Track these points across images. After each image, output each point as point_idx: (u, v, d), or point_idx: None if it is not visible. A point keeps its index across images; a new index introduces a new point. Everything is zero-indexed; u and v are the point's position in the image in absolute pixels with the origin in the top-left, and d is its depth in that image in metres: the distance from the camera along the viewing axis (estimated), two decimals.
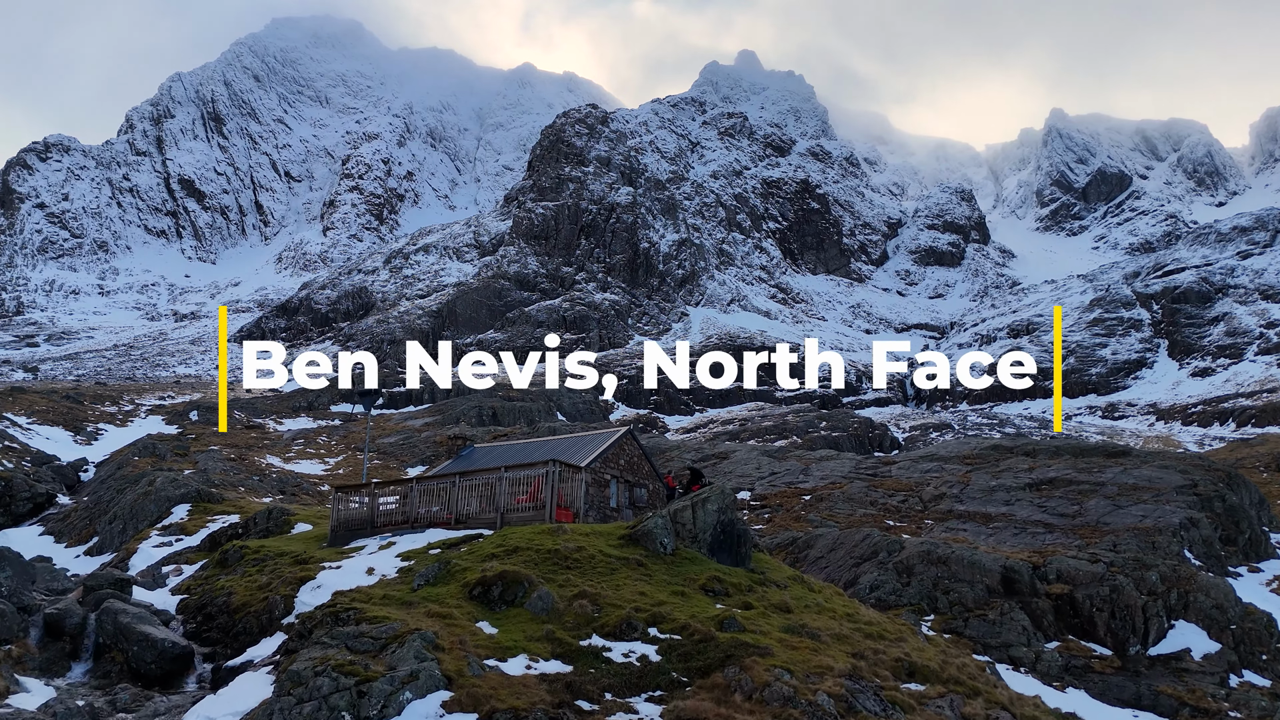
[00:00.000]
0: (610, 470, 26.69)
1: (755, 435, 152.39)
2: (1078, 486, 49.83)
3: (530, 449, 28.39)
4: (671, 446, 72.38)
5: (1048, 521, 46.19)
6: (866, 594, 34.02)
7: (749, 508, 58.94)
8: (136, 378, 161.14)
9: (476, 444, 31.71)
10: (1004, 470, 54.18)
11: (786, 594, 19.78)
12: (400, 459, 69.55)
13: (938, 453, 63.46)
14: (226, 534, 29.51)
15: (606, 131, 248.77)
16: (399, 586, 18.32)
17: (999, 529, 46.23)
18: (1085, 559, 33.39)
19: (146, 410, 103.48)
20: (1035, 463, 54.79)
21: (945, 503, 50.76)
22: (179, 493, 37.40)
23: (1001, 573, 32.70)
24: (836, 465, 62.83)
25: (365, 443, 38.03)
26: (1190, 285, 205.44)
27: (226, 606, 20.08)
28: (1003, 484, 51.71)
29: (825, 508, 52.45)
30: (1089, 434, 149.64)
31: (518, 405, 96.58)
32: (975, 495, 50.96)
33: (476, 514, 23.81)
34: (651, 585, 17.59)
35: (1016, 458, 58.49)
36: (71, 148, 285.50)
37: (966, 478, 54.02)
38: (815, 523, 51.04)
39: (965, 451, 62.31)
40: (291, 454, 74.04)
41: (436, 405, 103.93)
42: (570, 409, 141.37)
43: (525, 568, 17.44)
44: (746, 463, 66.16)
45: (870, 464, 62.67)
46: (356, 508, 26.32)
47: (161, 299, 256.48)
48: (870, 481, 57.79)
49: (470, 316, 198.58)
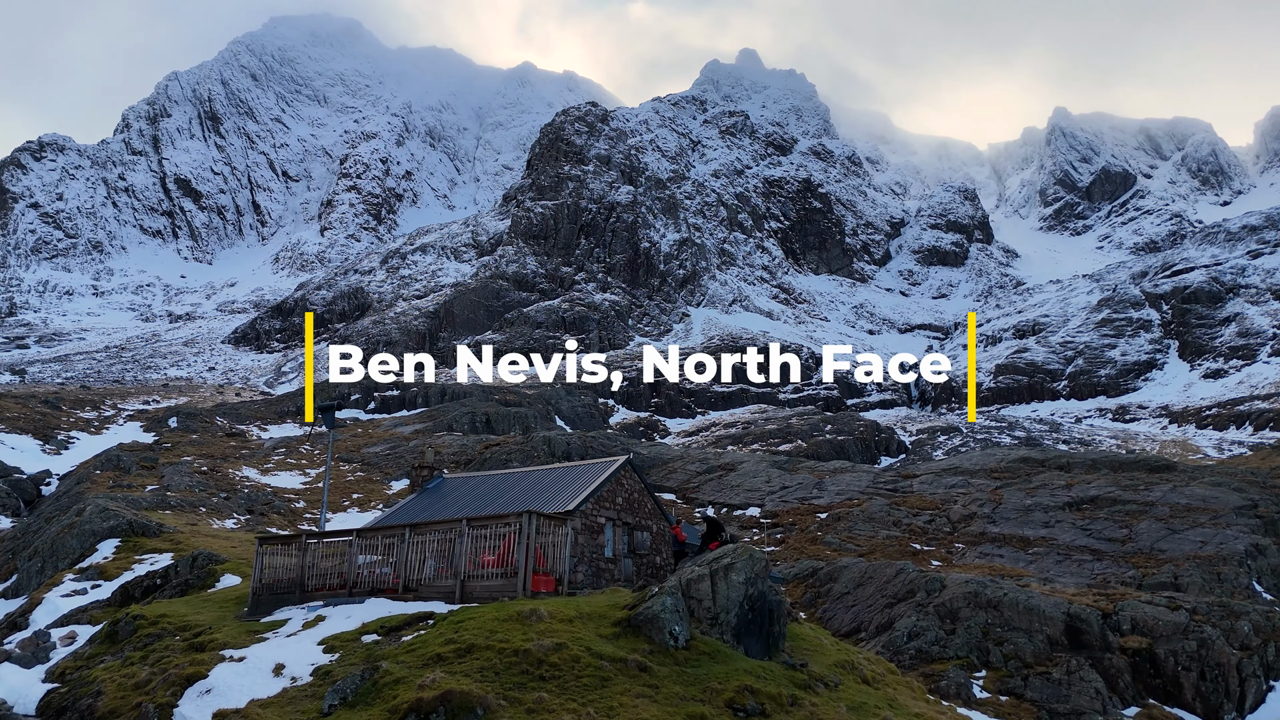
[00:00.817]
0: (605, 512, 21.72)
1: (759, 439, 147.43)
2: (1124, 506, 44.88)
3: (510, 484, 23.35)
4: (673, 456, 67.40)
5: (1095, 547, 41.27)
6: (904, 642, 29.11)
7: (759, 525, 54.00)
8: (125, 380, 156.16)
9: (448, 474, 26.54)
10: (1039, 487, 49.17)
11: (841, 701, 14.70)
12: (385, 471, 64.56)
13: (961, 465, 58.43)
14: (142, 585, 24.62)
15: (607, 130, 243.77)
16: (306, 706, 13.33)
17: (1040, 555, 41.32)
18: (1163, 605, 28.39)
19: (126, 416, 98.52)
20: (1073, 478, 49.75)
21: (977, 524, 45.80)
22: (108, 525, 32.45)
23: (1065, 621, 27.75)
24: (852, 479, 57.83)
25: (326, 474, 33.02)
26: (1200, 285, 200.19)
27: (90, 713, 14.97)
28: (1039, 502, 46.74)
29: (844, 528, 47.50)
30: (1101, 438, 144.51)
31: (513, 411, 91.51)
32: (1009, 515, 46.01)
33: (430, 580, 18.61)
34: (657, 705, 12.50)
35: (1050, 472, 53.47)
36: (66, 147, 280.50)
37: (998, 495, 49.01)
38: (834, 545, 46.14)
39: (991, 464, 57.29)
40: (270, 465, 69.09)
41: (430, 410, 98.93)
42: (569, 412, 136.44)
43: (480, 683, 12.40)
44: (755, 475, 61.18)
45: (888, 478, 57.67)
46: (284, 565, 21.28)
47: (156, 300, 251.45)
48: (891, 498, 52.81)
49: (468, 318, 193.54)
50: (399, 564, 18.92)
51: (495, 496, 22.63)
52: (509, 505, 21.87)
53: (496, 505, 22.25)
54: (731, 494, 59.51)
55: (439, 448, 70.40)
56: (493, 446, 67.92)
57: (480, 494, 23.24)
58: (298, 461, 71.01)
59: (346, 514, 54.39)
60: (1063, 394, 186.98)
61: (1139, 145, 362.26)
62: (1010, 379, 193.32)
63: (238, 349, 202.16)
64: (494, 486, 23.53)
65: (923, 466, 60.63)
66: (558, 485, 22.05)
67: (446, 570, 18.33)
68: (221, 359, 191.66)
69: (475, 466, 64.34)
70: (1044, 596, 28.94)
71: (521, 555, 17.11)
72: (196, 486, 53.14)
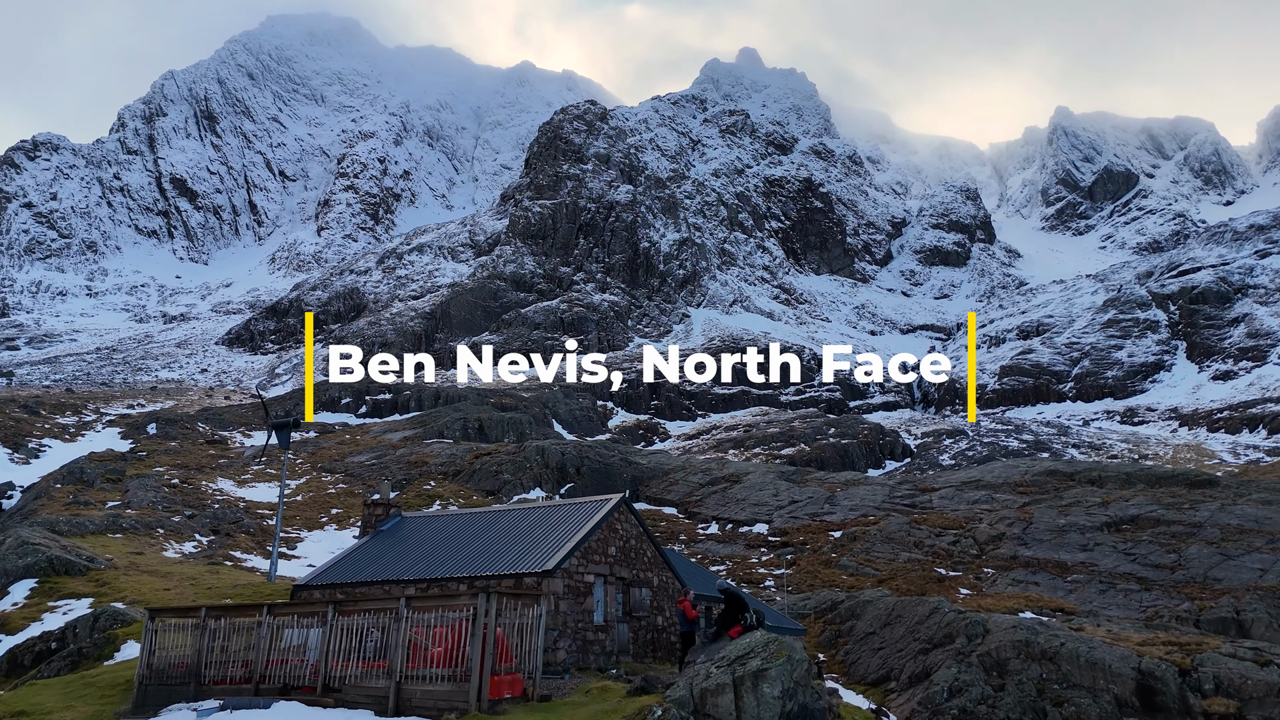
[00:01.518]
0: (594, 567, 17.49)
1: (761, 443, 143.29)
2: (1169, 527, 40.77)
3: (480, 528, 18.98)
4: (674, 467, 63.19)
5: (1141, 575, 37.18)
6: (944, 699, 24.95)
7: (767, 544, 49.83)
8: (113, 383, 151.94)
9: (407, 514, 22.07)
10: (1071, 504, 45.05)
11: None
12: (368, 483, 60.36)
13: (983, 478, 54.25)
14: (34, 650, 20.51)
15: (606, 128, 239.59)
16: None
17: (1080, 583, 37.21)
18: (1249, 658, 24.23)
19: (106, 422, 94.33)
20: (1108, 494, 45.61)
21: (1006, 545, 41.67)
22: (25, 563, 28.26)
23: (1136, 679, 23.61)
24: (867, 493, 53.67)
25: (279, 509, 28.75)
26: (1208, 285, 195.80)
27: None
28: (1074, 522, 42.63)
29: (861, 550, 43.40)
30: (1111, 442, 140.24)
31: (507, 417, 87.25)
32: (1042, 537, 41.90)
33: (358, 679, 14.13)
34: None
35: (1081, 487, 49.32)
36: (61, 146, 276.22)
37: (1027, 513, 44.87)
38: (850, 569, 42.01)
39: (1016, 477, 53.12)
40: (248, 476, 64.90)
41: (422, 415, 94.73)
42: (567, 416, 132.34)
43: None
44: (762, 488, 57.01)
45: (905, 492, 53.51)
46: (181, 645, 16.70)
47: (151, 300, 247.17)
48: (910, 516, 48.68)
49: (464, 318, 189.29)
50: (321, 652, 14.60)
51: (461, 545, 18.42)
52: (476, 559, 17.63)
53: (461, 558, 18.02)
54: (737, 508, 55.34)
55: (428, 457, 66.24)
56: (483, 456, 63.77)
57: (443, 540, 19.03)
58: (278, 472, 66.80)
59: (323, 532, 50.20)
60: (1069, 396, 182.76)
61: (1141, 145, 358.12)
62: (1015, 380, 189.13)
63: (231, 350, 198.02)
64: (461, 531, 19.34)
65: (941, 479, 56.41)
66: (537, 532, 17.83)
67: (381, 664, 14.02)
68: (214, 361, 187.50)
69: (464, 478, 60.17)
70: (1108, 647, 24.73)
71: (476, 650, 12.79)
72: (160, 503, 48.92)
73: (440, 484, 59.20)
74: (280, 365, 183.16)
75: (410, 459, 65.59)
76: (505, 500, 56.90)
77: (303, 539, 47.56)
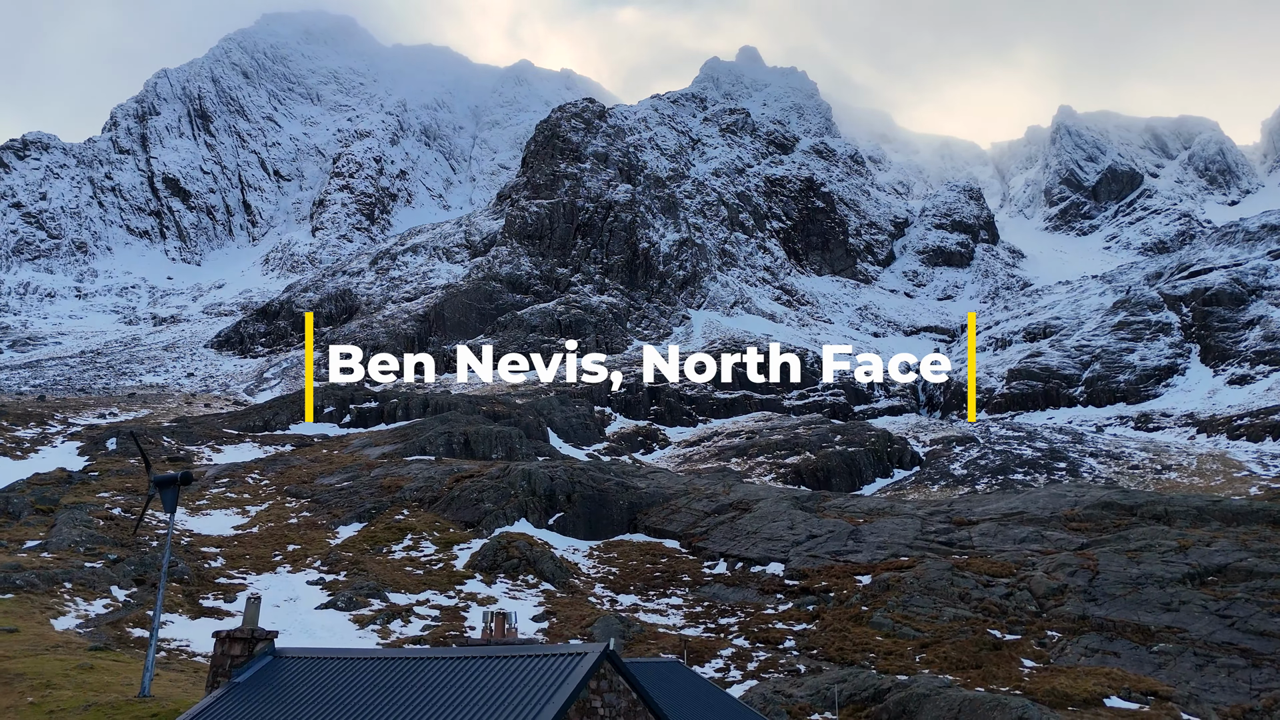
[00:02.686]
0: None
1: (765, 451, 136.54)
2: (1265, 581, 33.98)
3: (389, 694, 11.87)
4: (676, 491, 56.26)
5: (1244, 646, 30.44)
6: None
7: (783, 589, 42.92)
8: (92, 389, 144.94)
9: (286, 656, 14.21)
10: (1142, 548, 38.22)
11: None
12: (334, 512, 53.42)
13: (1027, 510, 47.33)
14: None
15: (604, 127, 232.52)
16: None
17: (1170, 656, 30.46)
18: None
19: (69, 435, 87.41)
20: (1184, 538, 38.70)
21: (1071, 601, 34.87)
22: None
23: None
24: (895, 527, 46.79)
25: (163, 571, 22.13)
26: (1222, 287, 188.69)
27: None
28: (1149, 573, 35.84)
29: (897, 603, 36.61)
30: (1129, 450, 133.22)
31: (496, 431, 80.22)
32: (1113, 590, 35.14)
33: None
34: None
35: (1146, 524, 42.46)
36: (51, 145, 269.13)
37: (1090, 559, 38.03)
38: (886, 628, 35.19)
39: (1065, 509, 46.23)
40: (205, 501, 57.96)
41: (406, 427, 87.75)
42: (563, 424, 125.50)
43: None
44: (775, 518, 50.15)
45: (939, 526, 46.62)
46: None
47: (141, 302, 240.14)
48: (949, 557, 41.83)
49: (459, 321, 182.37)
50: None
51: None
52: None
53: None
54: (747, 543, 48.42)
55: (404, 480, 59.30)
56: (464, 480, 56.85)
57: (332, 713, 12.14)
58: (239, 496, 59.88)
59: (274, 576, 43.26)
60: (1079, 400, 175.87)
61: (1145, 144, 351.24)
62: (1024, 384, 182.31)
63: (220, 354, 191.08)
64: (357, 695, 12.48)
65: (978, 509, 49.46)
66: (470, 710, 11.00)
67: None
68: (202, 364, 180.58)
69: (442, 506, 53.25)
70: None
71: None
72: (85, 543, 41.97)
73: (414, 513, 52.29)
74: (269, 369, 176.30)
75: (384, 482, 58.64)
76: (487, 533, 50.01)
77: (247, 585, 40.62)
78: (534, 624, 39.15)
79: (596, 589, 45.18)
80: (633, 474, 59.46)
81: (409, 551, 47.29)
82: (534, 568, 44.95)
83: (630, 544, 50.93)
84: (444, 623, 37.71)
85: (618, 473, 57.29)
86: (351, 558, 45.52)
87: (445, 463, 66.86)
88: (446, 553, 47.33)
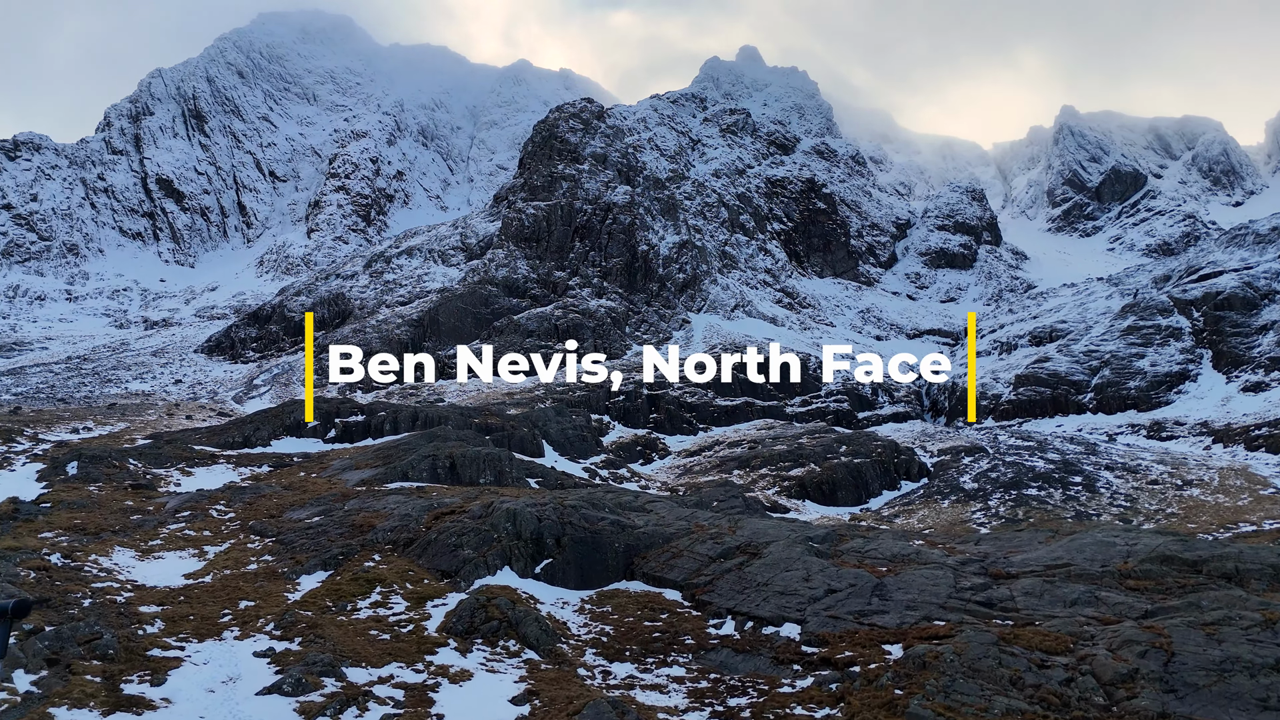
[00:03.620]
0: None
1: (767, 462, 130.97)
2: None
3: None
4: (677, 531, 50.53)
5: None
6: None
7: (801, 658, 37.20)
8: (73, 399, 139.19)
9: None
10: (1219, 621, 32.54)
11: None
12: (297, 558, 47.71)
13: (1073, 561, 41.59)
14: None
15: (603, 127, 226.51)
16: None
17: None
18: None
19: (32, 455, 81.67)
20: (1270, 609, 32.95)
21: (1146, 692, 29.23)
22: None
23: None
24: (925, 581, 41.07)
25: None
26: (1234, 291, 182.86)
27: None
28: (1235, 655, 30.22)
29: (937, 690, 30.96)
30: (1145, 462, 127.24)
31: (485, 453, 74.44)
32: (1194, 677, 29.54)
33: None
34: None
35: (1215, 585, 36.74)
36: (43, 146, 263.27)
37: (1160, 635, 32.33)
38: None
39: (1117, 562, 40.48)
40: (158, 541, 52.14)
41: (390, 447, 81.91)
42: (559, 436, 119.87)
43: None
44: (788, 565, 44.46)
45: (975, 581, 40.88)
46: None
47: (133, 305, 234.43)
48: (989, 622, 36.14)
49: (454, 326, 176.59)
50: None
51: None
52: None
53: None
54: (758, 597, 42.74)
55: (377, 517, 53.60)
56: (444, 518, 51.13)
57: None
58: (199, 533, 54.07)
59: (219, 644, 37.45)
60: (1089, 407, 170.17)
61: (1148, 144, 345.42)
62: (1032, 390, 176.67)
63: (211, 359, 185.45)
64: None
65: (1017, 558, 43.72)
66: None
67: None
68: (191, 370, 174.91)
69: (417, 551, 47.58)
70: None
71: None
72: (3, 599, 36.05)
73: (387, 558, 46.60)
74: (260, 375, 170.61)
75: (356, 519, 52.93)
76: (465, 585, 44.32)
77: (183, 660, 34.85)
78: (513, 707, 33.35)
79: (587, 655, 39.32)
80: (630, 507, 53.75)
81: (376, 609, 41.45)
82: (516, 631, 39.18)
83: (627, 594, 45.13)
84: (408, 709, 31.95)
85: (613, 507, 51.57)
86: (310, 618, 39.62)
87: (426, 493, 61.15)
88: (419, 610, 41.47)
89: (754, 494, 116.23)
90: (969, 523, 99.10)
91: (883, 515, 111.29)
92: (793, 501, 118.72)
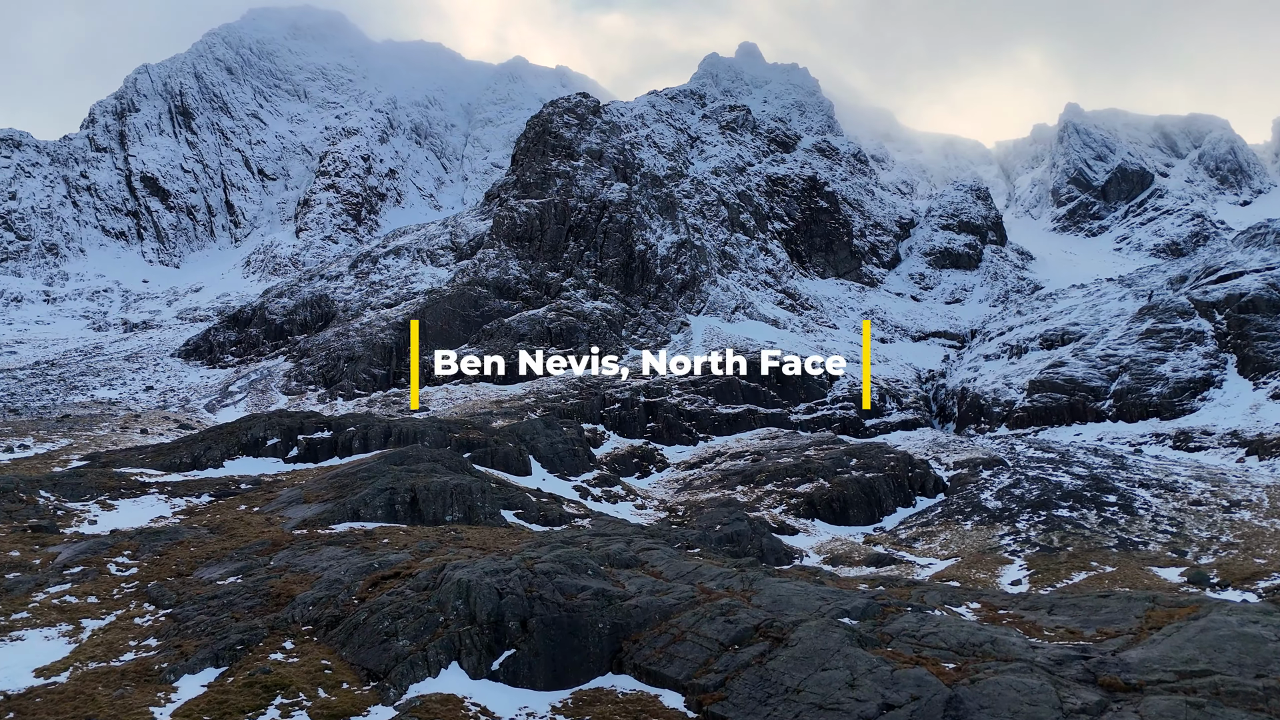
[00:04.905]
0: None
1: (773, 477, 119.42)
2: None
3: None
4: (677, 603, 39.06)
5: None
6: None
7: None
8: (31, 409, 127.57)
9: None
10: None
11: None
12: (184, 647, 36.21)
13: (1212, 665, 30.33)
14: None
15: (599, 123, 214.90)
16: None
17: None
18: None
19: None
20: None
21: None
22: None
23: None
24: (1016, 698, 29.83)
25: None
26: (1258, 293, 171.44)
27: None
28: None
29: None
30: (1183, 479, 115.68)
31: (452, 483, 63.03)
32: None
33: None
34: None
35: None
36: (23, 143, 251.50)
37: None
38: None
39: (1276, 674, 29.38)
40: (25, 612, 40.61)
41: (348, 474, 70.47)
42: (547, 451, 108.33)
43: None
44: (824, 661, 33.24)
45: (1087, 699, 29.64)
46: None
47: (113, 306, 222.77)
48: None
49: (441, 329, 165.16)
50: None
51: None
52: None
53: None
54: (786, 712, 31.31)
55: (300, 583, 42.11)
56: (383, 584, 39.72)
57: None
58: (82, 599, 42.53)
59: None
60: (1108, 415, 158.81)
61: (1154, 143, 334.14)
62: (1047, 397, 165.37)
63: (187, 363, 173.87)
64: None
65: (1133, 655, 32.42)
66: None
67: None
68: (165, 376, 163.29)
69: (340, 639, 36.09)
70: None
71: None
72: None
73: (300, 647, 35.04)
74: (236, 381, 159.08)
75: (275, 585, 41.44)
76: (396, 694, 32.82)
77: None
78: None
79: None
80: (619, 561, 42.34)
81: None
82: None
83: (612, 699, 33.49)
84: None
85: (596, 567, 39.97)
86: None
87: (373, 543, 49.68)
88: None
89: (759, 513, 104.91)
90: (999, 550, 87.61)
91: (900, 538, 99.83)
92: (801, 521, 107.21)
